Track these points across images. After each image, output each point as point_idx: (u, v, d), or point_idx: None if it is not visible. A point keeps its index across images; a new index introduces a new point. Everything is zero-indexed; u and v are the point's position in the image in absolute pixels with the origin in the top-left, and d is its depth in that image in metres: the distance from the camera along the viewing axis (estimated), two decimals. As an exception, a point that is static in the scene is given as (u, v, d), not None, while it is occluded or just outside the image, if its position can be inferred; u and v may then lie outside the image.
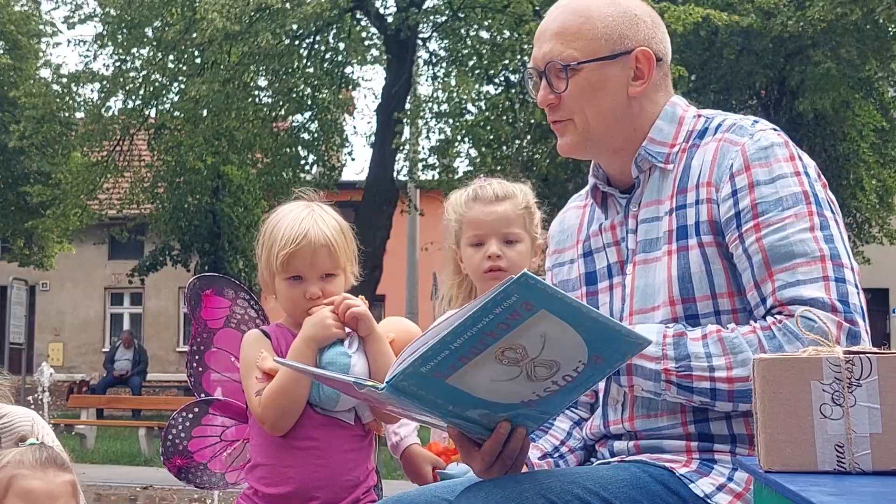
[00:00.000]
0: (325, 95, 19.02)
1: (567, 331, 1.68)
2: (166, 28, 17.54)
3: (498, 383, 1.75)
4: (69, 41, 32.60)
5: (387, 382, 1.75)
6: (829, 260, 1.94)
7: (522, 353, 1.70)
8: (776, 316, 1.94)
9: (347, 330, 2.37)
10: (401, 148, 17.93)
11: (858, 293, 1.95)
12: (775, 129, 2.08)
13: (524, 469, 2.10)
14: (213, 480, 2.64)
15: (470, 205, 2.81)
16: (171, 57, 18.21)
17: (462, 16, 18.18)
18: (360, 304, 2.37)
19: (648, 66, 2.12)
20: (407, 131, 17.83)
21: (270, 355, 2.34)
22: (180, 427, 2.61)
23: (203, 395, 2.64)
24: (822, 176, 2.09)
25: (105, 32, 18.55)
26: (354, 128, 36.89)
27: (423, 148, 18.42)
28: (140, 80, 18.70)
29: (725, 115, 2.16)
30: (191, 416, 2.62)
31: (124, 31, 18.13)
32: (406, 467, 2.97)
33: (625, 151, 2.15)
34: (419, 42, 18.63)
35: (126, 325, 28.86)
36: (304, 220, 2.39)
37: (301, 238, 2.36)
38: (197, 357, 2.64)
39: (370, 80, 28.50)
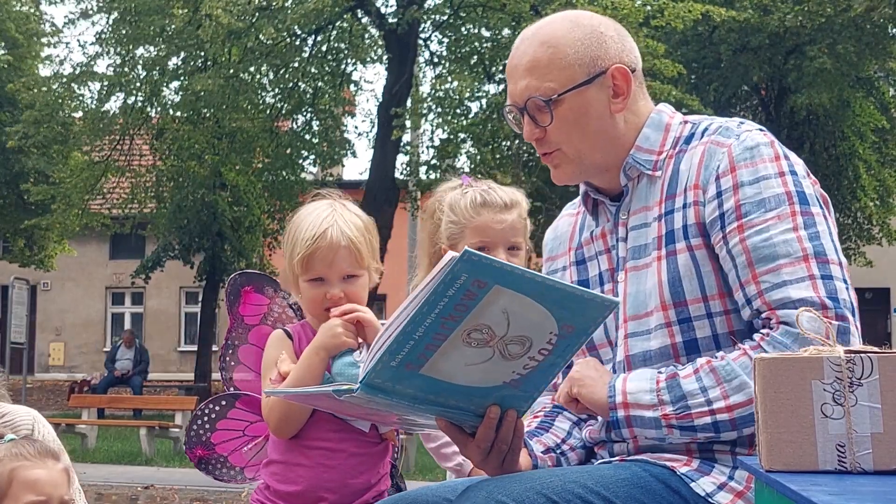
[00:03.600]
0: (326, 96, 19.05)
1: (528, 303, 1.67)
2: (170, 19, 17.52)
3: (473, 367, 1.75)
4: (68, 44, 32.51)
5: (360, 382, 1.74)
6: (812, 258, 1.94)
7: (489, 333, 1.69)
8: (762, 330, 1.95)
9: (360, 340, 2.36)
10: (402, 147, 17.93)
11: (847, 288, 1.95)
12: (761, 130, 2.08)
13: (528, 460, 2.10)
14: (231, 474, 2.64)
15: (478, 210, 2.74)
16: (172, 54, 18.19)
17: (463, 14, 18.20)
18: (368, 312, 2.36)
19: (625, 81, 2.12)
20: (408, 132, 17.83)
21: (290, 356, 2.33)
22: (206, 418, 2.62)
23: (232, 388, 2.64)
24: (810, 175, 2.08)
25: (107, 30, 18.55)
26: (356, 127, 37.12)
27: (424, 150, 18.44)
28: (142, 77, 18.70)
29: (712, 119, 2.16)
30: (217, 408, 2.62)
31: (128, 25, 18.10)
32: None
33: (615, 167, 2.16)
34: (420, 41, 18.65)
35: (127, 325, 28.86)
36: (325, 219, 2.35)
37: (319, 238, 2.32)
38: (230, 351, 2.63)
39: (371, 82, 28.75)
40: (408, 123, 17.77)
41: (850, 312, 1.91)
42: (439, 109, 17.46)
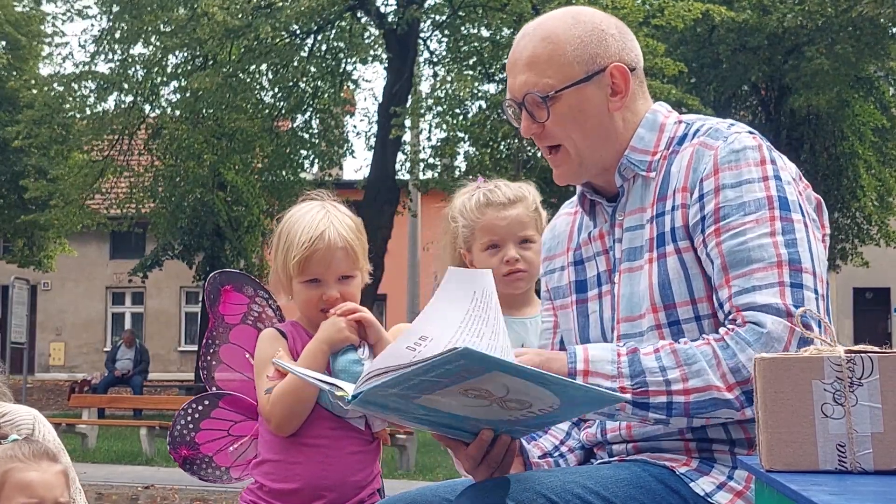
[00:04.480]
0: (326, 95, 19.05)
1: (529, 385, 1.67)
2: (170, 14, 17.50)
3: (471, 407, 1.74)
4: (67, 44, 32.51)
5: (354, 396, 1.74)
6: (786, 265, 1.91)
7: (488, 394, 1.68)
8: (728, 325, 1.93)
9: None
10: (401, 147, 17.94)
11: (817, 298, 1.91)
12: (751, 133, 2.06)
13: (521, 467, 2.10)
14: (216, 474, 2.64)
15: (482, 210, 2.77)
16: (170, 51, 18.17)
17: (462, 14, 18.21)
18: (367, 312, 2.36)
19: (624, 80, 2.11)
20: (408, 132, 17.84)
21: (286, 354, 2.34)
22: (189, 418, 2.62)
23: (214, 388, 2.64)
24: (803, 179, 2.06)
25: (106, 28, 18.55)
26: (355, 127, 36.85)
27: (423, 148, 18.45)
28: (141, 76, 18.69)
29: (705, 120, 2.14)
30: (200, 407, 2.62)
31: (127, 24, 18.09)
32: None
33: (614, 166, 2.15)
34: (420, 41, 18.66)
35: (127, 325, 28.86)
36: (321, 221, 2.36)
37: (318, 240, 2.33)
38: (211, 350, 2.63)
39: (370, 81, 28.76)
40: (408, 123, 17.78)
41: (816, 324, 1.87)
42: (439, 109, 17.47)
